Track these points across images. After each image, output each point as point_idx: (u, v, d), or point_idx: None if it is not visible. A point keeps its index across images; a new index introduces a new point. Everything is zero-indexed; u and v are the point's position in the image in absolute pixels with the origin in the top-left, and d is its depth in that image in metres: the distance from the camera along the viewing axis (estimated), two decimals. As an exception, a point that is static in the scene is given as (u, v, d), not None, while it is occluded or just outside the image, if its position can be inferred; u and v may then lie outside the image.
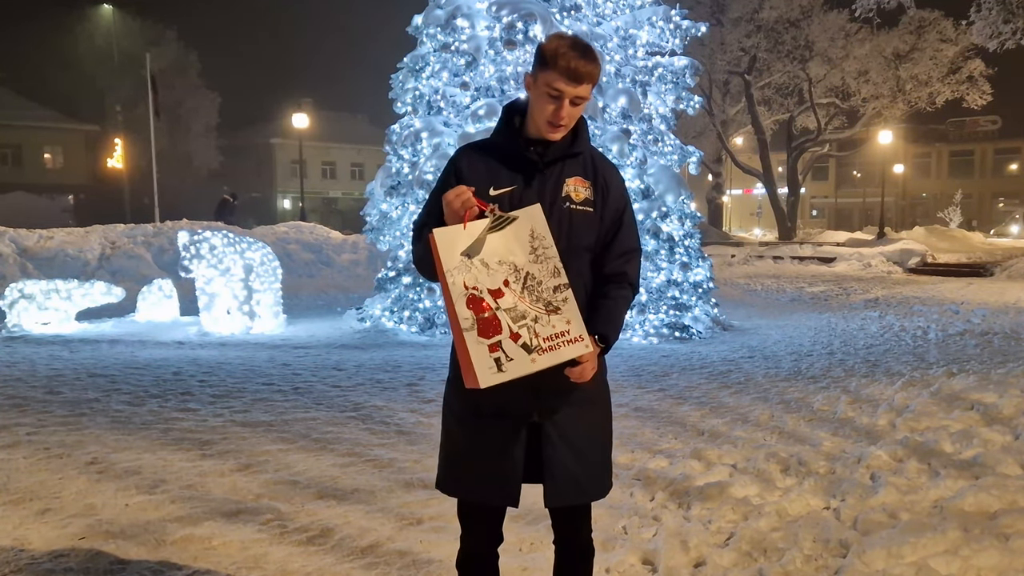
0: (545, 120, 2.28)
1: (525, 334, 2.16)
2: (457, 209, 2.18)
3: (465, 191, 2.19)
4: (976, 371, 7.39)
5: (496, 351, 2.14)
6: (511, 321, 2.16)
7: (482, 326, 2.15)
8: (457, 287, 2.16)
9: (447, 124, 10.53)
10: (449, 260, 2.17)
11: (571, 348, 2.19)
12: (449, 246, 2.18)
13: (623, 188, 2.45)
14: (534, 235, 2.21)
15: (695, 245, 10.69)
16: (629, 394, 6.78)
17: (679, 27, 11.30)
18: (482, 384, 2.13)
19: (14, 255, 14.32)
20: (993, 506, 4.00)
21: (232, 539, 3.67)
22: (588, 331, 2.28)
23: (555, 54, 2.22)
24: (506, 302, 2.17)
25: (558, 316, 2.19)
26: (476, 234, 2.18)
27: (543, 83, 2.24)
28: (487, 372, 2.13)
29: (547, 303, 2.19)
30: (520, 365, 2.15)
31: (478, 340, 2.14)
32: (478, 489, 2.36)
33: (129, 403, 6.34)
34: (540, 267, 2.20)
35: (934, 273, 21.11)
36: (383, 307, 10.99)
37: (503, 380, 2.14)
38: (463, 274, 2.17)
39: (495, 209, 2.20)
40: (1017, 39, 22.64)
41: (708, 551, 3.57)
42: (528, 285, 2.19)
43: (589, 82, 2.25)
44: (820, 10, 30.72)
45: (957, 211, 43.32)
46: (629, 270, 2.41)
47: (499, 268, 2.18)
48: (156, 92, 25.56)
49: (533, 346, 2.16)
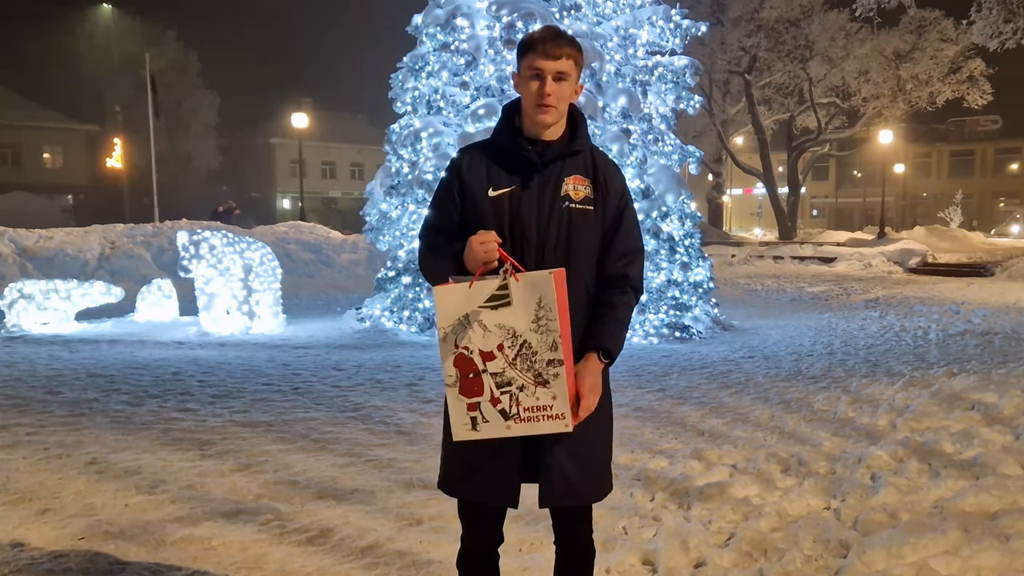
0: (533, 102, 2.29)
1: (506, 401, 2.18)
2: (480, 258, 2.19)
3: (492, 241, 2.19)
4: (977, 371, 7.38)
5: (474, 411, 2.18)
6: (495, 386, 2.18)
7: (464, 385, 2.18)
8: (448, 344, 2.18)
9: (447, 124, 10.53)
10: (446, 319, 2.18)
11: (550, 423, 2.19)
12: (450, 305, 2.18)
13: (624, 187, 2.44)
14: (541, 304, 2.16)
15: (695, 245, 10.69)
16: (629, 394, 6.77)
17: (679, 27, 11.30)
18: (455, 438, 2.22)
19: (14, 255, 14.33)
20: (993, 506, 4.00)
21: (232, 539, 3.66)
22: (590, 346, 2.29)
23: (531, 39, 2.32)
24: (495, 366, 2.17)
25: (545, 389, 2.17)
26: (477, 300, 2.16)
27: (525, 68, 2.31)
28: (461, 427, 2.20)
29: (537, 374, 2.17)
30: (494, 428, 2.19)
31: (458, 397, 2.19)
32: (478, 490, 2.36)
33: (129, 403, 6.34)
34: (540, 337, 2.16)
35: (934, 273, 21.10)
36: (383, 307, 10.99)
37: (475, 438, 2.20)
38: (457, 333, 2.17)
39: (510, 270, 2.17)
40: (1017, 39, 22.62)
41: (708, 551, 3.57)
42: (523, 353, 2.17)
43: (568, 58, 2.29)
44: (820, 10, 30.72)
45: (957, 211, 43.30)
46: (631, 272, 2.40)
47: (496, 331, 2.17)
48: (156, 92, 25.58)
49: (511, 414, 2.18)
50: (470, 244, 2.21)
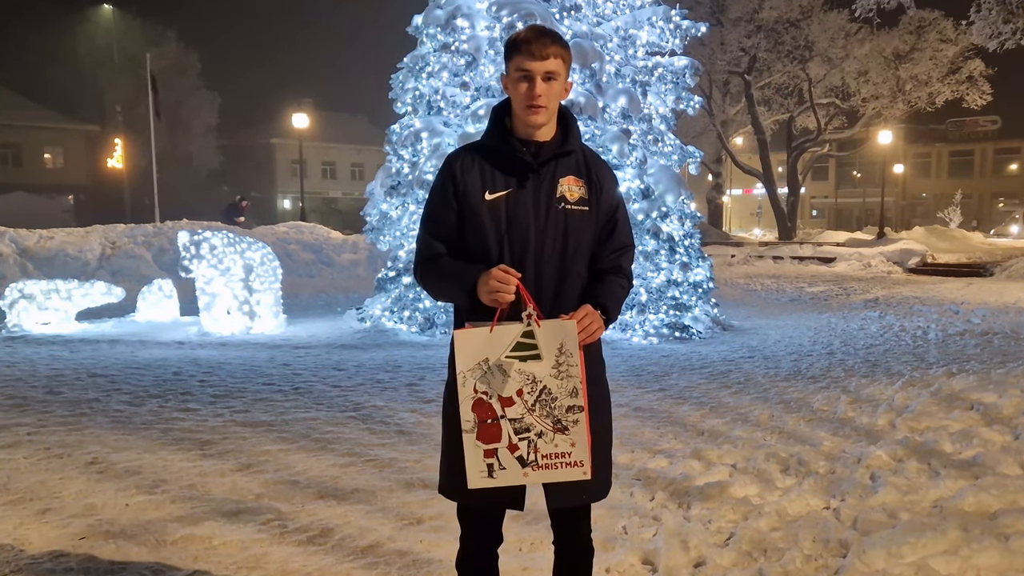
0: (522, 104, 2.29)
1: (524, 447, 2.15)
2: (495, 298, 2.16)
3: (513, 283, 2.16)
4: (976, 371, 7.38)
5: (491, 457, 2.16)
6: (513, 432, 2.15)
7: (482, 431, 2.15)
8: (467, 389, 2.15)
9: (447, 124, 10.53)
10: (466, 363, 2.15)
11: (568, 471, 2.17)
12: (469, 349, 2.16)
13: (615, 185, 2.47)
14: (562, 350, 2.15)
15: (695, 245, 10.69)
16: (629, 394, 6.78)
17: (679, 27, 11.30)
18: (470, 485, 2.17)
19: (14, 255, 14.33)
20: (993, 506, 4.00)
21: (232, 539, 3.67)
22: (589, 301, 2.28)
23: (516, 40, 2.31)
24: (514, 412, 2.15)
25: (564, 436, 2.15)
26: (500, 346, 2.14)
27: (513, 69, 2.30)
28: (477, 475, 2.17)
29: (556, 420, 2.15)
30: (511, 475, 2.17)
31: (475, 443, 2.16)
32: (482, 494, 2.33)
33: (129, 403, 6.34)
34: (560, 383, 2.15)
35: (934, 273, 21.09)
36: (383, 307, 10.99)
37: (491, 486, 2.17)
38: (475, 378, 2.15)
39: (532, 315, 2.15)
40: (1017, 39, 22.62)
41: (708, 551, 3.57)
42: (542, 399, 2.15)
43: (556, 57, 2.28)
44: (820, 10, 30.68)
45: (957, 211, 43.29)
46: (624, 263, 2.44)
47: (516, 376, 2.14)
48: (156, 92, 25.59)
49: (529, 460, 2.16)
50: (488, 278, 2.18)
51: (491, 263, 2.24)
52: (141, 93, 32.67)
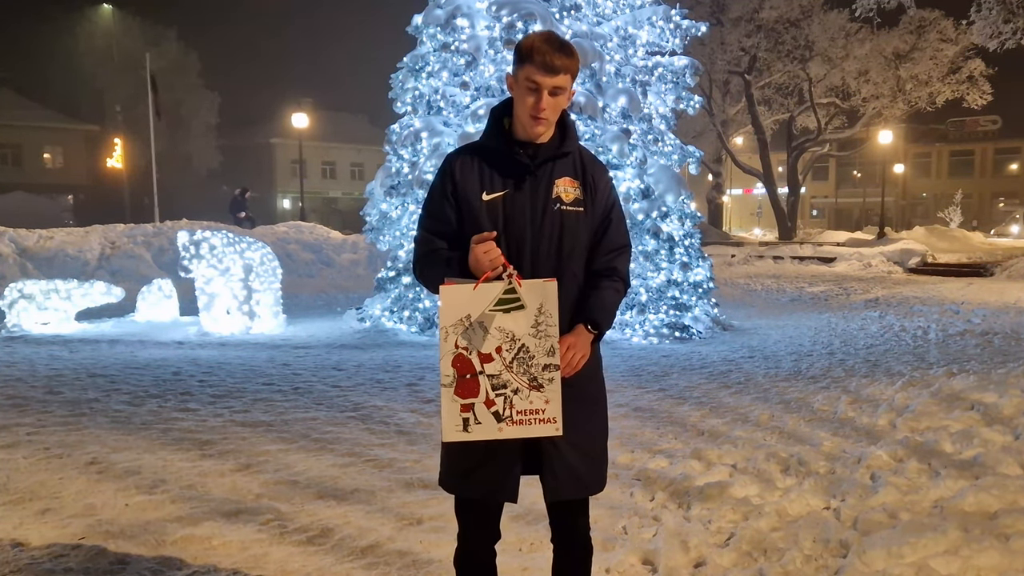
0: (527, 114, 2.30)
1: (500, 403, 2.21)
2: (484, 266, 2.21)
3: (495, 251, 2.23)
4: (976, 371, 7.38)
5: (467, 412, 2.21)
6: (490, 388, 2.21)
7: (460, 386, 2.21)
8: (448, 344, 2.21)
9: (447, 124, 10.53)
10: (449, 318, 2.21)
11: (541, 427, 2.23)
12: (453, 304, 2.21)
13: (611, 185, 2.48)
14: (542, 310, 2.22)
15: (695, 245, 10.69)
16: (629, 394, 6.77)
17: (679, 27, 11.30)
18: (444, 439, 2.23)
19: (14, 255, 14.33)
20: (993, 506, 4.00)
21: (232, 539, 3.66)
22: (580, 318, 2.33)
23: (531, 48, 2.28)
24: (492, 368, 2.21)
25: (539, 393, 2.22)
26: (483, 302, 2.20)
27: (522, 78, 2.29)
28: (452, 429, 2.22)
29: (532, 378, 2.21)
30: (486, 430, 2.22)
31: (453, 398, 2.21)
32: (480, 486, 2.37)
33: (129, 403, 6.34)
34: (538, 342, 2.22)
35: (934, 273, 21.08)
36: (383, 307, 10.99)
37: (466, 440, 2.22)
38: (457, 334, 2.21)
39: (513, 275, 2.21)
40: (1017, 39, 22.62)
41: (708, 551, 3.57)
42: (519, 356, 2.21)
43: (566, 72, 2.29)
44: (820, 10, 30.67)
45: (957, 211, 43.30)
46: (619, 265, 2.45)
47: (496, 334, 2.21)
48: (156, 92, 25.58)
49: (504, 416, 2.21)
50: (473, 252, 2.23)
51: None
52: (141, 93, 32.66)
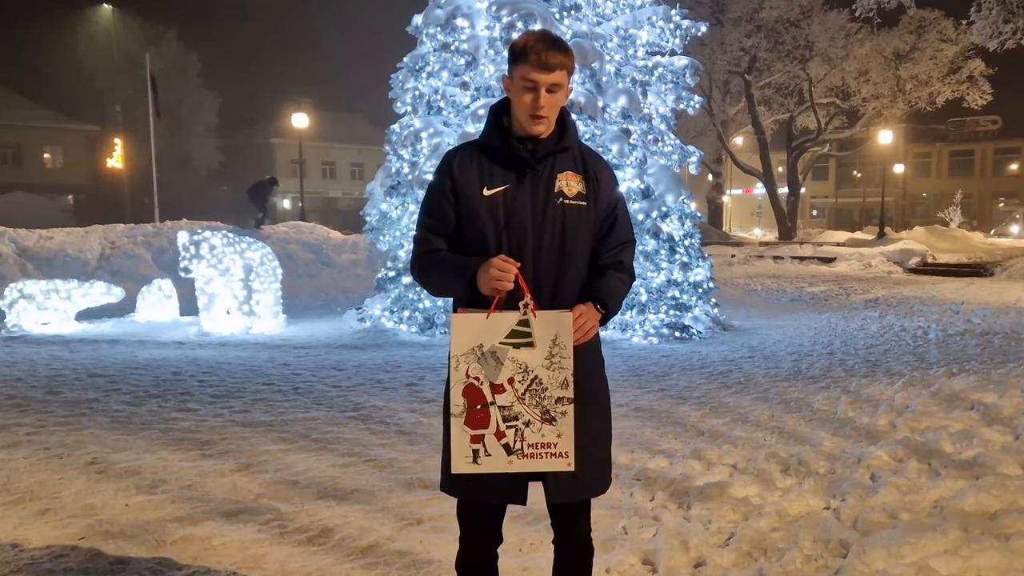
0: (526, 113, 2.30)
1: (511, 435, 2.17)
2: (495, 286, 2.17)
3: (511, 272, 2.17)
4: (976, 371, 7.38)
5: (477, 443, 2.17)
6: (501, 419, 2.17)
7: (471, 416, 2.17)
8: (459, 373, 2.17)
9: (447, 124, 10.53)
10: (460, 347, 2.17)
11: (553, 461, 2.19)
12: (466, 334, 2.17)
13: (614, 181, 2.48)
14: (556, 341, 2.17)
15: (695, 245, 10.69)
16: (629, 394, 6.77)
17: (679, 27, 11.30)
18: (454, 470, 2.18)
19: (14, 255, 14.33)
20: (993, 506, 4.00)
21: (232, 539, 3.66)
22: (588, 296, 2.30)
23: (525, 47, 2.28)
24: (504, 399, 2.17)
25: (551, 427, 2.17)
26: (496, 333, 2.16)
27: (518, 77, 2.29)
28: (461, 460, 2.17)
29: (545, 411, 2.17)
30: (496, 463, 2.17)
31: (463, 428, 2.17)
32: (486, 490, 2.33)
33: (129, 403, 6.34)
34: (551, 374, 2.17)
35: (934, 273, 21.09)
36: (383, 307, 10.99)
37: (475, 472, 2.18)
38: (469, 363, 2.16)
39: (530, 305, 2.17)
40: (1017, 39, 22.60)
41: (708, 551, 3.57)
42: (532, 388, 2.17)
43: (562, 69, 2.28)
44: (820, 10, 30.68)
45: (957, 211, 43.29)
46: (625, 259, 2.45)
47: (509, 364, 2.16)
48: (156, 92, 25.55)
49: (515, 449, 2.17)
50: (488, 267, 2.19)
51: (489, 258, 2.25)
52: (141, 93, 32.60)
